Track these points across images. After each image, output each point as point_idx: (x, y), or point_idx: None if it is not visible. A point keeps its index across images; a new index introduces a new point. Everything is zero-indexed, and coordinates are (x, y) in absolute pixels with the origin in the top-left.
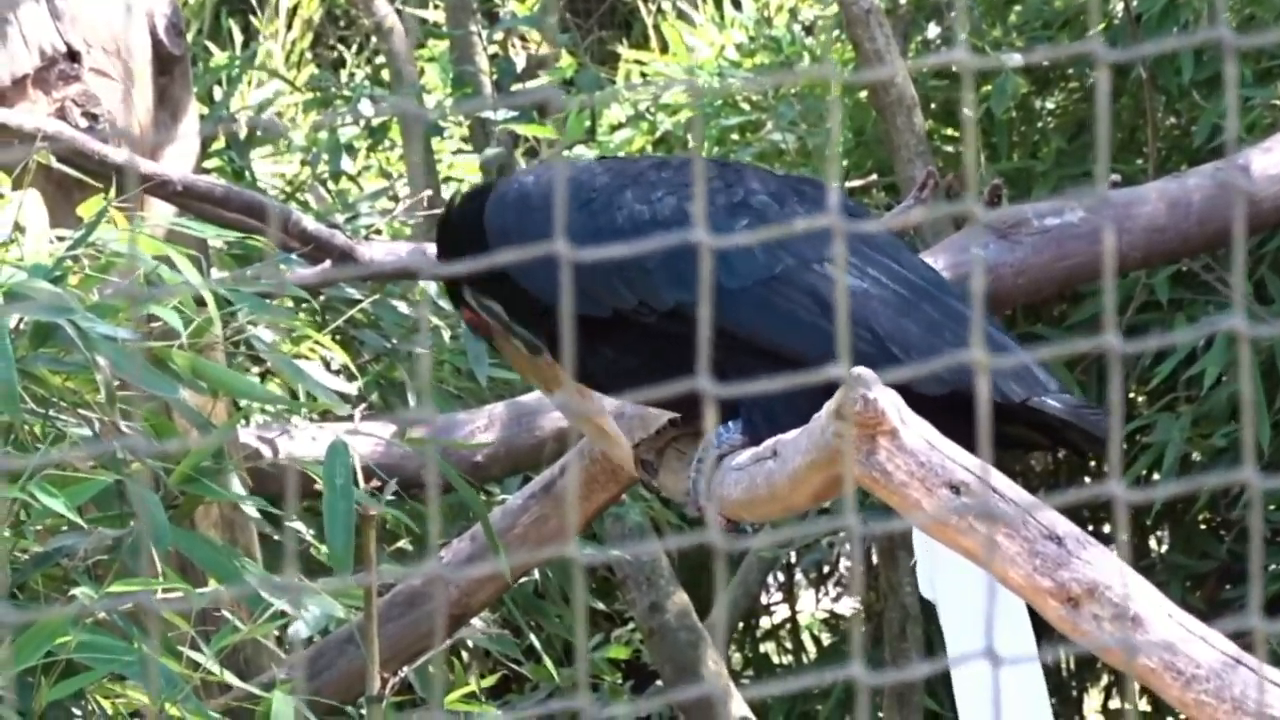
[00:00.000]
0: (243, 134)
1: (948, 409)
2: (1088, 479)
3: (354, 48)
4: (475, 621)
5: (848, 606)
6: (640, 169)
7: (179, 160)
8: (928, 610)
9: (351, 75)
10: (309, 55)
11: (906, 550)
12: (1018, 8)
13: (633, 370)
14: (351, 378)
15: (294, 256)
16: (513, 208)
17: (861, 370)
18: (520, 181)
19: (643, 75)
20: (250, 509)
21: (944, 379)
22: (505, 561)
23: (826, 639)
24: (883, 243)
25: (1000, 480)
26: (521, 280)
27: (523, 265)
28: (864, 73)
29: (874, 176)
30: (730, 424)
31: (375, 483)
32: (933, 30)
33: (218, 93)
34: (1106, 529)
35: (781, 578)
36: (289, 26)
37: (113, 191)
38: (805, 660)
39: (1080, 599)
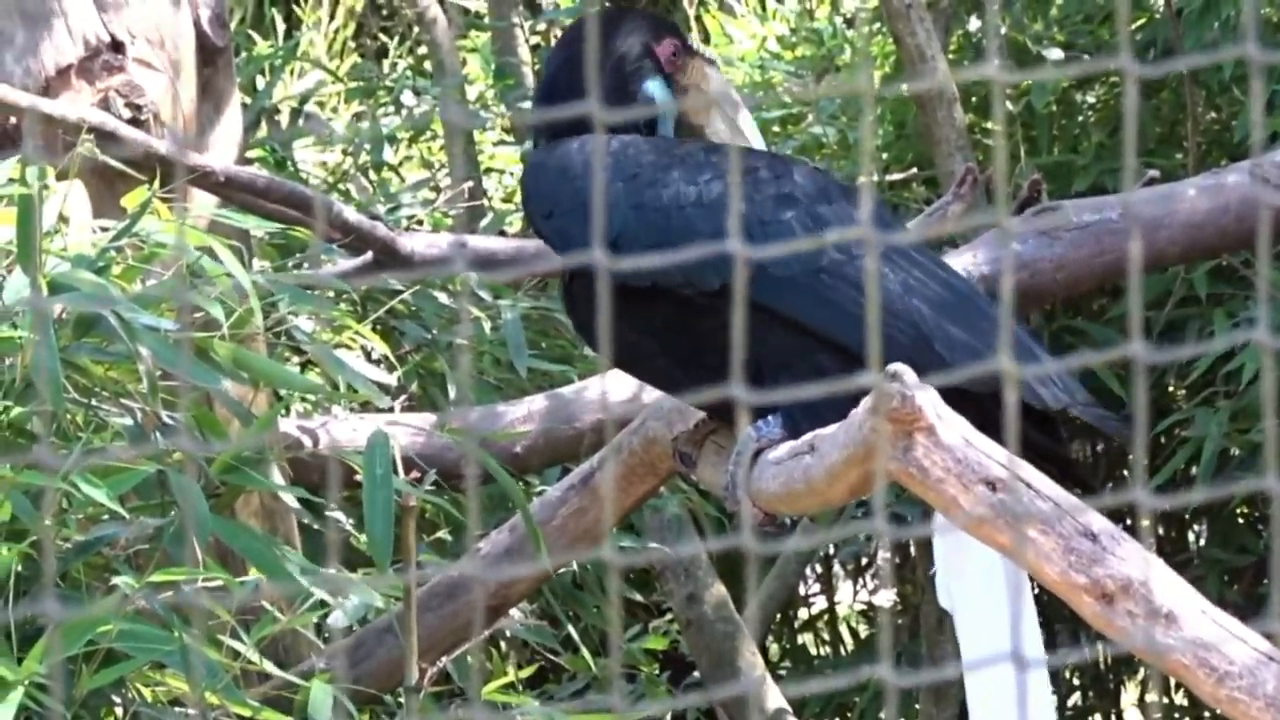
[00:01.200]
0: (284, 125)
1: (977, 411)
2: (1126, 472)
3: (396, 38)
4: (513, 612)
5: (885, 599)
6: (688, 150)
7: (222, 151)
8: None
9: (394, 65)
10: (351, 45)
11: None
12: (1058, 1)
13: (673, 351)
14: (391, 368)
15: (335, 247)
16: (553, 171)
17: (899, 366)
18: (566, 147)
19: None
20: (290, 499)
21: (985, 381)
22: (546, 556)
23: (864, 631)
24: (925, 248)
25: (1036, 476)
26: (556, 246)
27: (559, 227)
28: (898, 83)
29: (914, 170)
30: (770, 418)
31: (415, 473)
32: (974, 23)
33: (260, 82)
34: (1143, 522)
35: (819, 569)
36: (332, 16)
37: (156, 182)
38: (843, 652)
39: (1115, 595)
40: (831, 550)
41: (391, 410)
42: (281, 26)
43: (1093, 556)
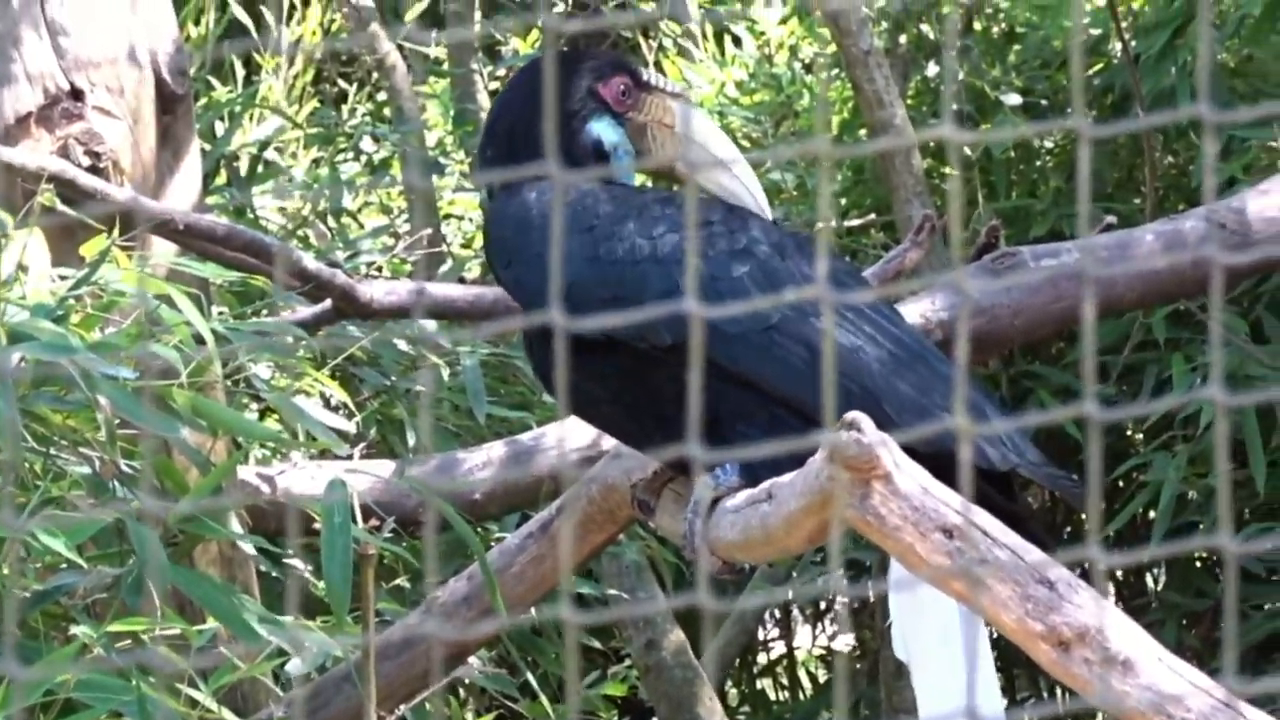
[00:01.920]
0: (244, 172)
1: (929, 469)
2: (1084, 514)
3: (356, 84)
4: (472, 659)
5: (843, 644)
6: (645, 201)
7: (181, 199)
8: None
9: (354, 110)
10: (311, 90)
11: None
12: (1016, 47)
13: (629, 401)
14: (350, 415)
15: (295, 295)
16: (512, 221)
17: (856, 415)
18: (524, 197)
19: None
20: (248, 547)
21: (931, 441)
22: (502, 607)
23: (823, 676)
24: (879, 303)
25: (992, 524)
26: (514, 294)
27: (518, 279)
28: (860, 145)
29: (872, 215)
30: (727, 465)
31: (374, 521)
32: (933, 69)
33: (220, 128)
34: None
35: (778, 614)
36: (291, 62)
37: (115, 231)
38: (802, 697)
39: (1071, 643)
40: (790, 595)
41: (350, 458)
42: (241, 72)
43: (1049, 604)
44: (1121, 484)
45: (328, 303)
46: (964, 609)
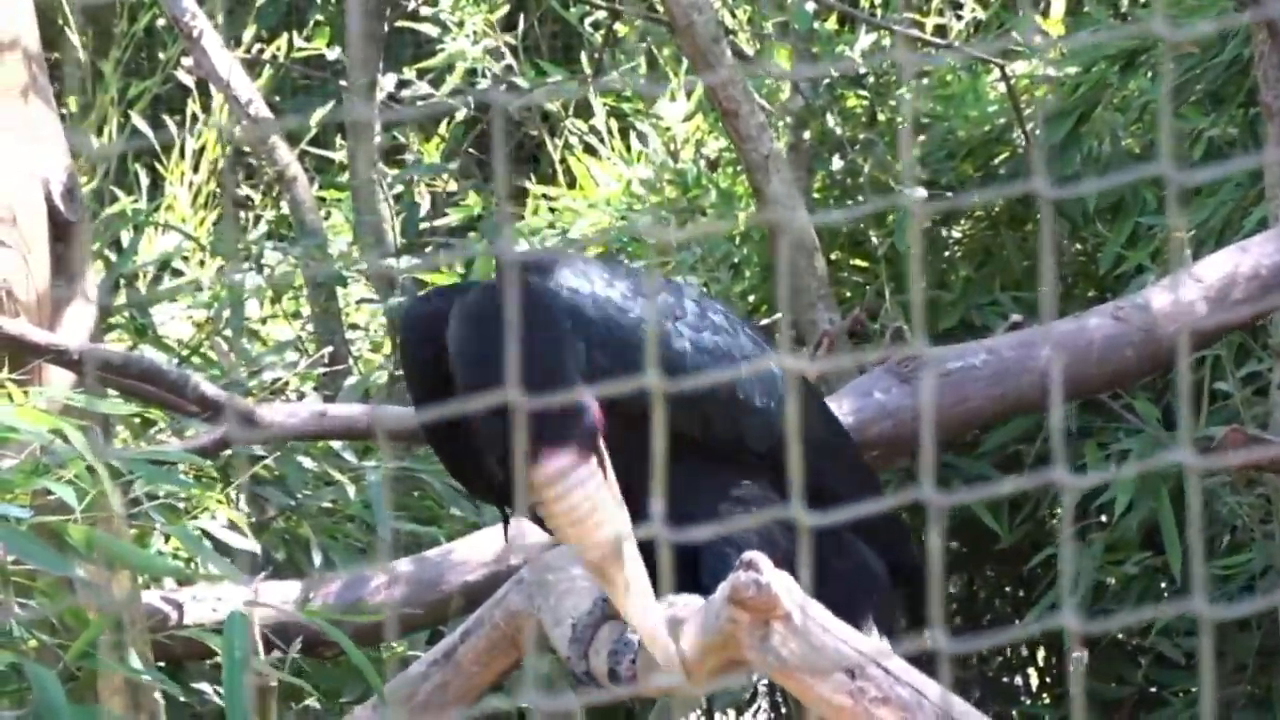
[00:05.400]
0: (144, 289)
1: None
2: (999, 603)
3: (260, 189)
4: None
5: None
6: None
7: (77, 327)
8: None
9: (257, 219)
10: (217, 196)
11: None
12: (921, 138)
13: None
14: (259, 531)
15: (195, 419)
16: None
17: (755, 555)
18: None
19: (550, 210)
20: (149, 679)
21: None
22: None
23: None
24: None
25: (895, 663)
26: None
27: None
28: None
29: (778, 316)
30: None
31: (277, 653)
32: (837, 163)
33: (124, 238)
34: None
35: (703, 706)
36: (195, 169)
37: (6, 364)
38: None
39: None
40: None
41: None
42: (146, 181)
43: None
44: (1040, 571)
45: (226, 427)
46: None
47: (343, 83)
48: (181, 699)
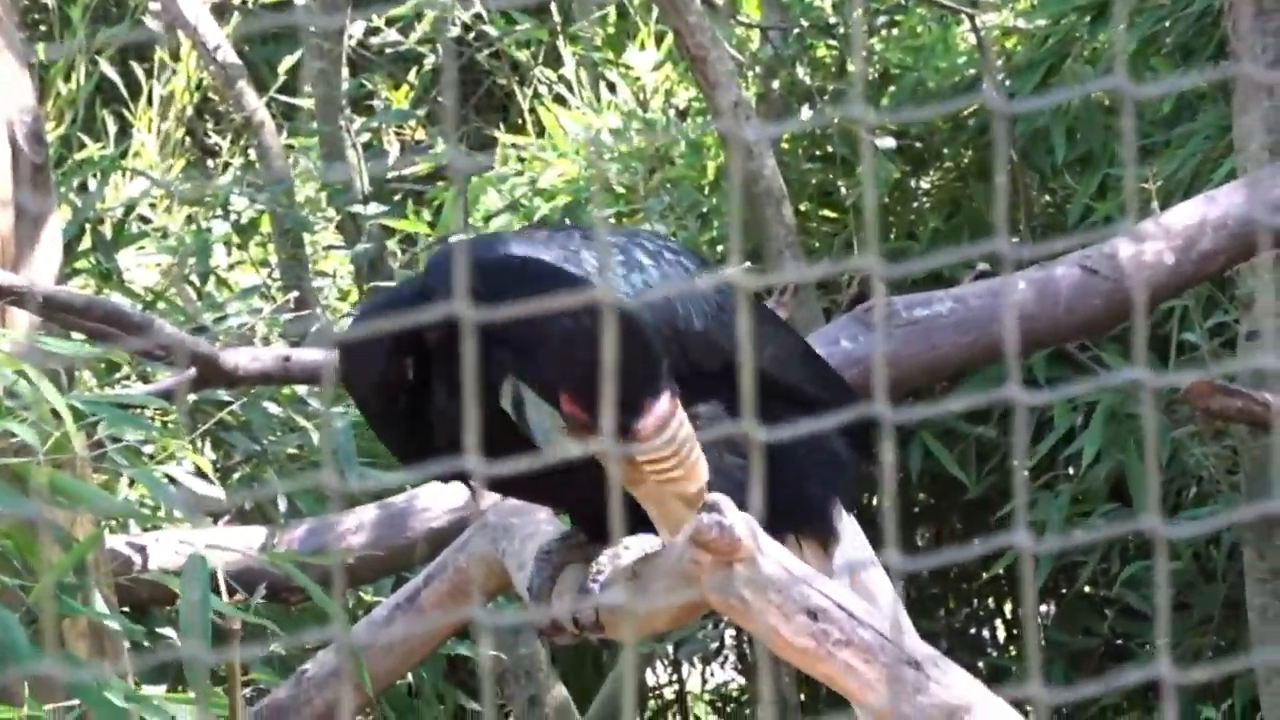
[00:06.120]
0: (109, 234)
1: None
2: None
3: (228, 136)
4: None
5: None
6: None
7: (41, 270)
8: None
9: (226, 165)
10: (183, 144)
11: None
12: (891, 89)
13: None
14: (225, 477)
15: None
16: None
17: (717, 496)
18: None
19: (519, 159)
20: (113, 624)
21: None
22: (368, 681)
23: (713, 719)
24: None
25: (858, 605)
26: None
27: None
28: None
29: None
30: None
31: (239, 596)
32: (806, 113)
33: (91, 183)
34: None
35: (670, 655)
36: (163, 116)
37: None
38: None
39: None
40: (672, 649)
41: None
42: (114, 128)
43: (916, 685)
44: (1008, 521)
45: (191, 371)
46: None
47: (311, 28)
48: (145, 644)
